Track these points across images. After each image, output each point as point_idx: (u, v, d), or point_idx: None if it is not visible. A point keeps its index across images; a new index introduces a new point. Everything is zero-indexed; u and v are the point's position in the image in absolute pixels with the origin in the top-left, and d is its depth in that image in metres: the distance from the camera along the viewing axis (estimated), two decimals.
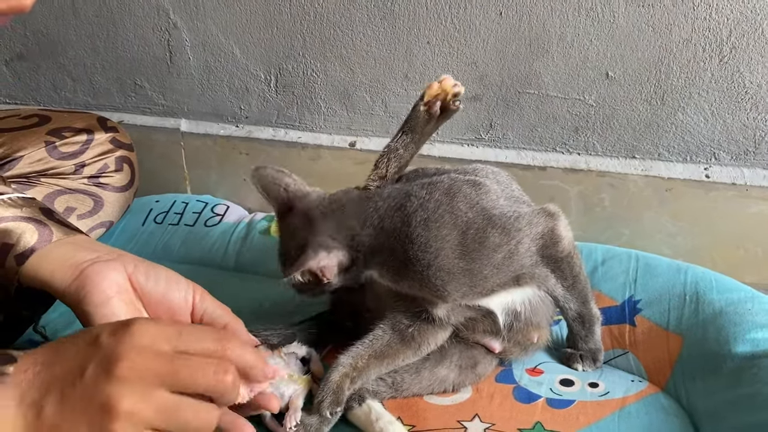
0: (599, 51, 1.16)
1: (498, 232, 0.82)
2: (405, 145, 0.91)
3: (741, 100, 1.13)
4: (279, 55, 1.37)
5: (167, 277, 0.68)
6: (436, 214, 0.82)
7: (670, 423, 0.86)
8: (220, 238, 1.34)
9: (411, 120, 0.91)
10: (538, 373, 0.97)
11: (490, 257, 0.82)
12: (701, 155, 1.19)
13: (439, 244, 0.81)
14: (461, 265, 0.81)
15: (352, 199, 0.87)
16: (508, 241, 0.82)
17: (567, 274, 0.89)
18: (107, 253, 0.67)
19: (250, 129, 1.47)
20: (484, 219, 0.82)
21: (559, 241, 0.87)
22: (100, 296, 0.63)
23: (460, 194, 0.84)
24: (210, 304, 0.69)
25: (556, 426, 0.85)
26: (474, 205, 0.84)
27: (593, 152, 1.24)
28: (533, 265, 0.86)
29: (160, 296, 0.67)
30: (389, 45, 1.28)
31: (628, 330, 1.01)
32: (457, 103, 0.88)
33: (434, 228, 0.81)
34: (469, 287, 0.83)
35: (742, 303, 0.95)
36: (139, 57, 1.49)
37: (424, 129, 0.91)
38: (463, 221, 0.82)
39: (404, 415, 0.87)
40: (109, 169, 1.12)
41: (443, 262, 0.81)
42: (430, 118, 0.90)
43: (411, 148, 0.92)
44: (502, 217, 0.83)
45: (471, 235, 0.81)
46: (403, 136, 0.91)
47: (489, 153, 1.30)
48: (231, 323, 0.69)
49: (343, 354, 0.86)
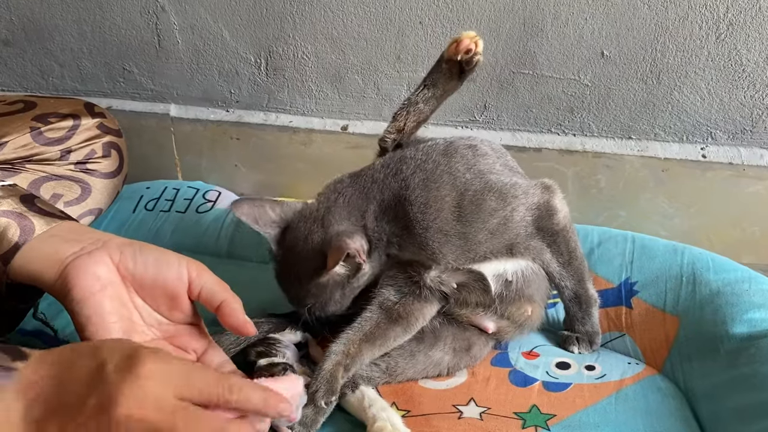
0: (594, 29, 1.14)
1: (495, 197, 0.82)
2: (425, 99, 0.90)
3: (738, 78, 1.12)
4: (269, 38, 1.35)
5: (157, 257, 0.66)
6: (434, 175, 0.82)
7: (668, 405, 0.85)
8: (212, 224, 1.32)
9: (434, 73, 0.89)
10: (534, 356, 0.96)
11: (485, 221, 0.82)
12: (698, 135, 1.18)
13: (438, 205, 0.81)
14: (458, 227, 0.81)
15: (347, 183, 0.86)
16: (503, 207, 0.82)
17: (563, 249, 0.89)
18: (92, 242, 0.65)
19: (241, 113, 1.45)
20: (481, 182, 0.82)
21: (555, 214, 0.87)
22: (83, 293, 0.61)
23: (457, 155, 0.84)
24: (208, 280, 0.67)
25: (552, 409, 0.84)
26: (471, 166, 0.84)
27: (589, 133, 1.23)
28: (528, 236, 0.86)
29: (151, 279, 0.65)
30: (381, 26, 1.26)
31: (624, 312, 1.01)
32: (479, 57, 0.87)
33: (434, 188, 0.81)
34: (462, 250, 0.83)
35: (739, 283, 0.94)
36: (127, 41, 1.47)
37: (447, 85, 0.90)
38: (461, 182, 0.82)
39: (399, 400, 0.87)
40: (97, 155, 1.09)
41: (441, 224, 0.81)
42: (451, 73, 0.88)
43: (432, 103, 0.91)
44: (498, 183, 0.83)
45: (469, 197, 0.81)
46: (425, 90, 0.90)
47: (483, 135, 1.28)
48: (228, 300, 0.67)
49: (334, 342, 0.85)
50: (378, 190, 0.83)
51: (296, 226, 0.86)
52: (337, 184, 0.87)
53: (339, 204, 0.84)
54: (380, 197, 0.83)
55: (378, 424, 0.77)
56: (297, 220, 0.86)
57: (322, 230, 0.83)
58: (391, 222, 0.83)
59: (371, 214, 0.83)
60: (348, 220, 0.83)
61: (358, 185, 0.85)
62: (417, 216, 0.81)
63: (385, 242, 0.84)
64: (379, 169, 0.85)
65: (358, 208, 0.83)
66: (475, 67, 0.88)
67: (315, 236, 0.83)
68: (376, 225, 0.83)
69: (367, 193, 0.84)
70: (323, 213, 0.84)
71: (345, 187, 0.86)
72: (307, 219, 0.85)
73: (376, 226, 0.83)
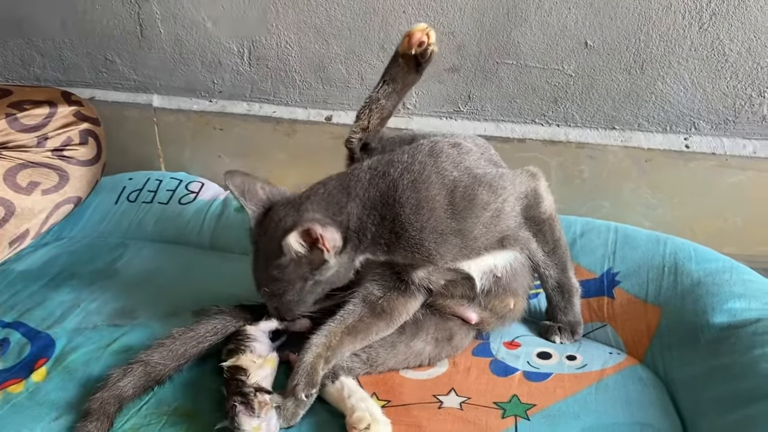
0: (578, 19, 1.14)
1: (485, 190, 0.82)
2: (386, 95, 0.90)
3: (721, 68, 1.11)
4: (252, 27, 1.33)
5: None
6: (423, 175, 0.81)
7: (648, 394, 0.85)
8: (194, 216, 1.32)
9: (391, 69, 0.90)
10: (516, 347, 0.96)
11: (479, 215, 0.82)
12: (681, 125, 1.17)
13: (430, 205, 0.80)
14: (453, 225, 0.81)
15: (333, 178, 0.86)
16: (495, 199, 0.82)
17: (548, 237, 0.89)
18: None
19: (224, 104, 1.44)
20: (469, 177, 0.82)
21: (542, 202, 0.87)
22: None
23: (443, 154, 0.84)
24: None
25: (532, 399, 0.84)
26: (458, 164, 0.84)
27: (572, 123, 1.22)
28: (517, 226, 0.86)
29: None
30: (364, 15, 1.25)
31: (606, 302, 1.01)
32: (432, 48, 0.87)
33: (423, 189, 0.81)
34: (459, 248, 0.83)
35: (720, 273, 0.95)
36: (109, 31, 1.45)
37: (405, 79, 0.90)
38: (449, 180, 0.82)
39: (379, 390, 0.86)
40: (73, 143, 1.08)
41: (435, 224, 0.80)
42: (408, 66, 0.88)
43: (393, 98, 0.91)
44: (486, 176, 0.84)
45: (459, 194, 0.81)
46: (384, 86, 0.90)
47: (467, 126, 1.28)
48: None
49: (315, 334, 0.84)
50: (362, 188, 0.82)
51: (276, 209, 0.86)
52: (325, 179, 0.87)
53: (319, 194, 0.84)
54: (364, 196, 0.82)
55: (357, 414, 0.76)
56: (279, 204, 0.86)
57: (297, 214, 0.82)
58: (377, 224, 0.82)
59: (354, 213, 0.82)
60: (325, 211, 0.82)
61: (342, 182, 0.84)
62: (410, 217, 0.80)
63: (368, 244, 0.83)
64: (365, 170, 0.84)
65: (337, 203, 0.83)
66: (430, 59, 0.88)
67: (288, 219, 0.83)
68: (358, 224, 0.82)
69: (349, 190, 0.83)
70: (302, 200, 0.84)
71: (329, 181, 0.86)
72: (287, 204, 0.85)
73: (358, 226, 0.82)
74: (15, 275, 1.15)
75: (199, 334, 0.88)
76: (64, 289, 1.11)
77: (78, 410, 0.82)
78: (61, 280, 1.14)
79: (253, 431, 0.75)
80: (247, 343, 0.87)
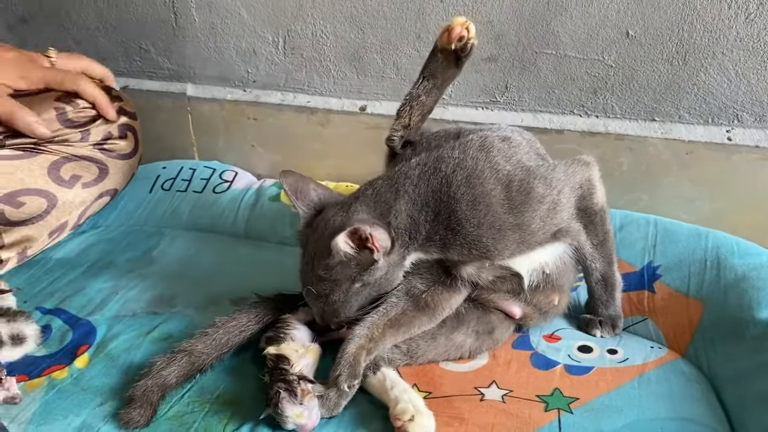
0: (619, 9, 1.12)
1: (541, 182, 0.81)
2: (427, 91, 0.89)
3: (767, 59, 1.09)
4: (287, 16, 1.33)
5: None
6: (476, 171, 0.81)
7: (691, 389, 0.84)
8: (229, 204, 1.32)
9: (430, 64, 0.89)
10: (556, 340, 0.95)
11: (536, 209, 0.81)
12: (723, 117, 1.15)
13: (486, 200, 0.80)
14: (511, 220, 0.80)
15: (381, 178, 0.86)
16: (551, 191, 0.82)
17: (599, 229, 0.88)
18: None
19: (258, 93, 1.44)
20: (523, 170, 0.82)
21: (595, 192, 0.87)
22: None
23: (494, 149, 0.83)
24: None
25: (574, 392, 0.83)
26: (510, 158, 0.83)
27: (612, 115, 1.21)
28: (570, 218, 0.85)
29: None
30: (401, 4, 1.24)
31: (646, 296, 1.00)
32: (473, 42, 0.85)
33: (477, 184, 0.80)
34: (517, 244, 0.82)
35: (764, 268, 0.93)
36: (144, 19, 1.46)
37: (445, 73, 0.89)
38: (503, 174, 0.81)
39: (420, 382, 0.86)
40: (113, 137, 1.09)
41: (493, 219, 0.80)
42: (448, 61, 0.87)
43: (434, 93, 0.90)
44: (540, 168, 0.83)
45: (515, 188, 0.80)
46: (424, 81, 0.89)
47: (504, 116, 1.26)
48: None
49: (358, 325, 0.84)
50: (411, 187, 0.82)
51: (326, 211, 0.86)
52: (373, 179, 0.87)
53: (367, 195, 0.84)
54: (414, 194, 0.81)
55: (401, 406, 0.76)
56: (330, 206, 0.86)
57: (345, 215, 0.82)
58: (431, 221, 0.81)
59: (403, 212, 0.81)
60: (374, 211, 0.82)
61: (390, 181, 0.84)
62: (467, 213, 0.80)
63: (421, 241, 0.82)
64: (413, 167, 0.83)
65: (385, 202, 0.82)
66: (471, 53, 0.86)
67: (336, 219, 0.83)
68: (409, 222, 0.81)
69: (398, 189, 0.82)
70: (351, 202, 0.84)
71: (376, 181, 0.85)
72: (336, 206, 0.85)
73: (409, 225, 0.81)
74: (53, 263, 1.17)
75: (242, 323, 0.89)
76: (102, 277, 1.12)
77: (121, 396, 0.83)
78: (99, 267, 1.16)
79: (295, 417, 0.75)
80: (288, 331, 0.87)
